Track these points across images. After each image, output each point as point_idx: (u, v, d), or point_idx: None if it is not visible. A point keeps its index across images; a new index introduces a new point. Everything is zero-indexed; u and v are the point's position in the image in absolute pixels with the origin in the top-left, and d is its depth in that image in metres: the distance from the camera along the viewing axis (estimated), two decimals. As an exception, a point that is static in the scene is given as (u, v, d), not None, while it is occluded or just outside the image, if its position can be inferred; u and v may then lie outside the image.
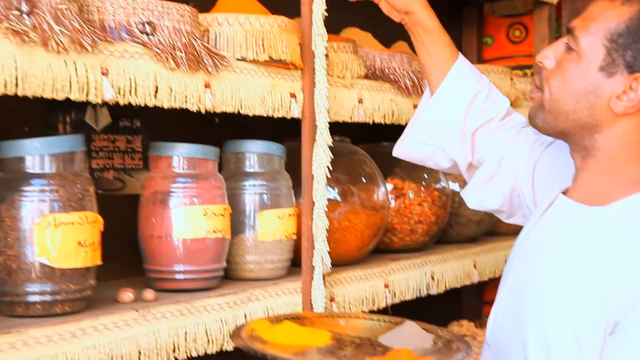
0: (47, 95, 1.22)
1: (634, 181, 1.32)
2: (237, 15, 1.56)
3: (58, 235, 1.27)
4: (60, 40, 1.22)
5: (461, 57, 1.66)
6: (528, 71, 2.84)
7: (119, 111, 1.75)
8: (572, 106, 1.33)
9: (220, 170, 1.68)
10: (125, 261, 1.75)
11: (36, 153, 1.29)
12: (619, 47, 1.29)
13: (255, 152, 1.73)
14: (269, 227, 1.70)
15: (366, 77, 1.94)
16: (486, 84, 1.66)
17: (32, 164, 1.29)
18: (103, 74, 1.31)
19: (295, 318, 1.38)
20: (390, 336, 1.30)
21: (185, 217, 1.53)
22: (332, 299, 1.79)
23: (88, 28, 1.28)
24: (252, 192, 1.71)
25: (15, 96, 1.19)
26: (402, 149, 1.74)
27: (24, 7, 1.18)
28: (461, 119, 1.63)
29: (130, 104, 1.36)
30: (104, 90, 1.31)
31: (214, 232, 1.56)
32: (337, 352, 1.23)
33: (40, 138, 1.29)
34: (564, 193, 1.41)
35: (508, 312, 1.40)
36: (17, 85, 1.18)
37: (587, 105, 1.32)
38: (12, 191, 1.28)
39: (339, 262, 1.87)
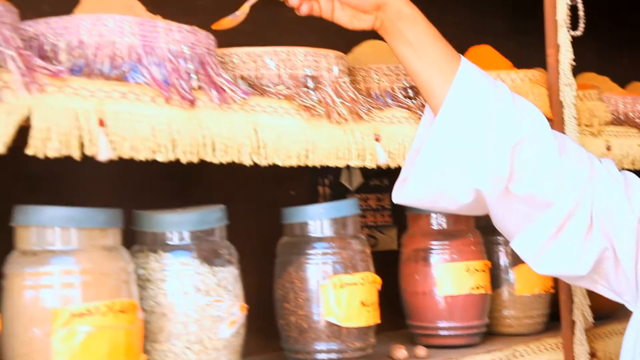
0: (331, 163, 1.30)
1: None
2: (489, 72, 1.58)
3: (343, 295, 1.33)
4: (341, 112, 1.30)
5: (463, 58, 1.23)
6: None
7: (368, 170, 1.81)
8: None
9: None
10: (382, 316, 1.79)
11: (318, 218, 1.37)
12: None
13: (507, 206, 1.73)
14: (527, 282, 1.68)
15: (611, 123, 1.89)
16: (506, 88, 1.24)
17: (314, 229, 1.38)
18: (376, 139, 1.37)
19: None
20: None
21: (448, 274, 1.55)
22: (593, 355, 1.73)
23: (360, 97, 1.35)
24: (507, 247, 1.70)
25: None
26: (404, 192, 1.25)
27: (310, 84, 1.27)
28: (488, 132, 1.17)
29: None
30: (377, 155, 1.37)
31: (477, 288, 1.57)
32: None
33: (323, 204, 1.38)
34: None
35: None
36: (307, 157, 1.26)
37: None
38: (299, 254, 1.36)
39: (600, 316, 1.80)
